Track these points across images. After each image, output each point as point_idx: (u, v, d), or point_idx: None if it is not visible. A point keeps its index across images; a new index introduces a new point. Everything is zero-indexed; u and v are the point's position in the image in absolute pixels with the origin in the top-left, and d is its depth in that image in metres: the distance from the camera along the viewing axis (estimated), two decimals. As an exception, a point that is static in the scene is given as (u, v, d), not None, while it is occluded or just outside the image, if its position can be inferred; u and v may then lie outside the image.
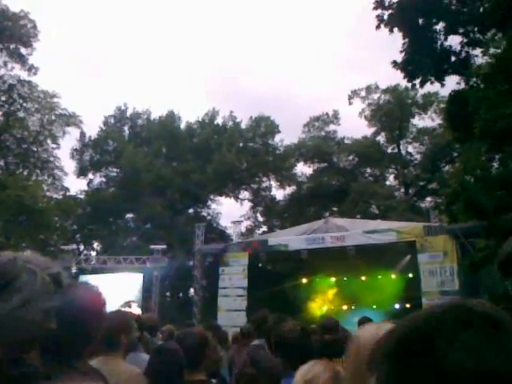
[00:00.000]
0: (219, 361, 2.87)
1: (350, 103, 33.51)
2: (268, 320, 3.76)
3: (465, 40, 13.97)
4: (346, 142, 34.43)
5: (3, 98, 27.36)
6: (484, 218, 10.22)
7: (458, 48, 14.11)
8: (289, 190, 34.38)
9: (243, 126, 34.27)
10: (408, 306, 17.33)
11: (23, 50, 27.48)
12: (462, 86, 14.13)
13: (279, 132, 34.02)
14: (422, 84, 14.48)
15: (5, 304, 1.26)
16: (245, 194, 34.98)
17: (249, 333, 4.84)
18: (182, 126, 34.29)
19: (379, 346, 0.60)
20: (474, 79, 12.71)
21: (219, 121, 34.47)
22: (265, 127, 33.85)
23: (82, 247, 30.64)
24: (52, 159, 29.32)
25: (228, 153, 30.87)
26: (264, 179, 34.55)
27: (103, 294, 1.89)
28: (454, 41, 14.32)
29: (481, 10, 13.45)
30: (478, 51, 14.16)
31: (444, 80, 14.20)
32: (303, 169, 34.82)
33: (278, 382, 2.36)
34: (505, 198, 9.18)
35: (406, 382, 0.54)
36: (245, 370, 2.28)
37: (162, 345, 3.01)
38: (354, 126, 43.03)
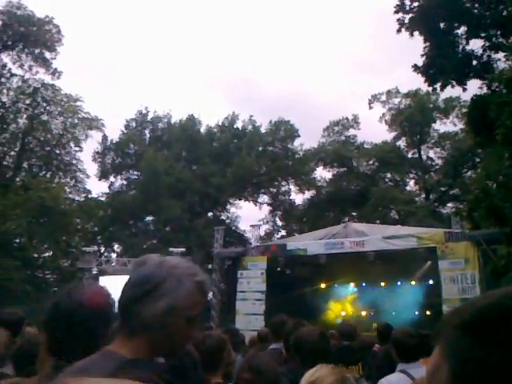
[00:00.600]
0: (233, 363, 2.90)
1: (371, 107, 33.38)
2: (287, 324, 3.76)
3: (487, 44, 13.76)
4: (365, 146, 34.23)
5: (27, 102, 27.91)
6: (506, 224, 10.02)
7: (480, 52, 13.92)
8: (308, 194, 34.34)
9: (263, 130, 34.35)
10: (428, 313, 17.08)
11: (47, 55, 28.08)
12: (485, 90, 13.93)
13: (299, 136, 34.02)
14: (443, 88, 14.30)
15: (150, 309, 1.28)
16: (264, 198, 35.03)
17: (266, 337, 4.84)
18: (202, 129, 34.52)
19: (451, 317, 0.58)
20: (497, 84, 12.50)
21: (239, 125, 34.63)
22: (284, 131, 33.84)
23: (102, 249, 30.98)
24: (74, 162, 29.83)
25: (247, 157, 30.93)
26: (283, 183, 34.53)
27: (112, 294, 1.89)
28: (476, 45, 14.15)
29: (504, 13, 13.25)
30: (500, 55, 13.93)
31: (466, 84, 14.03)
32: (322, 173, 34.76)
33: None
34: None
35: (478, 354, 0.52)
36: (242, 374, 2.29)
37: None
38: (374, 130, 42.84)
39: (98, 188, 38.55)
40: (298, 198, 34.83)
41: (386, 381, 3.05)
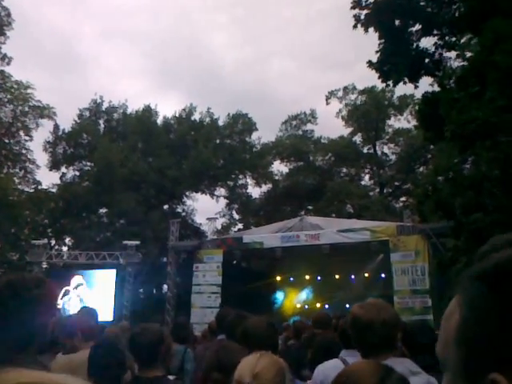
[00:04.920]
0: (172, 357, 2.87)
1: (328, 103, 33.76)
2: (228, 317, 3.77)
3: (439, 42, 14.16)
4: (322, 141, 34.67)
5: (-26, 88, 26.67)
6: (453, 217, 10.40)
7: (432, 50, 14.29)
8: (265, 187, 34.42)
9: (220, 122, 34.09)
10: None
11: (-5, 39, 26.80)
12: (435, 87, 14.33)
13: (256, 130, 33.94)
14: (395, 83, 14.63)
15: None
16: (221, 191, 34.84)
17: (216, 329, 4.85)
18: (159, 121, 33.89)
19: (473, 269, 0.60)
20: (447, 81, 12.89)
21: (196, 117, 34.20)
22: (242, 124, 33.73)
23: (53, 242, 30.03)
24: (24, 152, 28.69)
25: (204, 149, 30.65)
26: (240, 177, 34.46)
27: (57, 291, 1.83)
28: (429, 43, 14.53)
29: (456, 13, 13.63)
30: (452, 54, 14.36)
31: (418, 81, 14.39)
32: (280, 167, 34.94)
33: None
34: (473, 198, 9.34)
35: (497, 305, 0.54)
36: (211, 374, 2.19)
37: (100, 340, 2.99)
38: (331, 125, 43.31)
39: (48, 179, 37.19)
40: (255, 191, 34.91)
41: (322, 366, 3.12)
